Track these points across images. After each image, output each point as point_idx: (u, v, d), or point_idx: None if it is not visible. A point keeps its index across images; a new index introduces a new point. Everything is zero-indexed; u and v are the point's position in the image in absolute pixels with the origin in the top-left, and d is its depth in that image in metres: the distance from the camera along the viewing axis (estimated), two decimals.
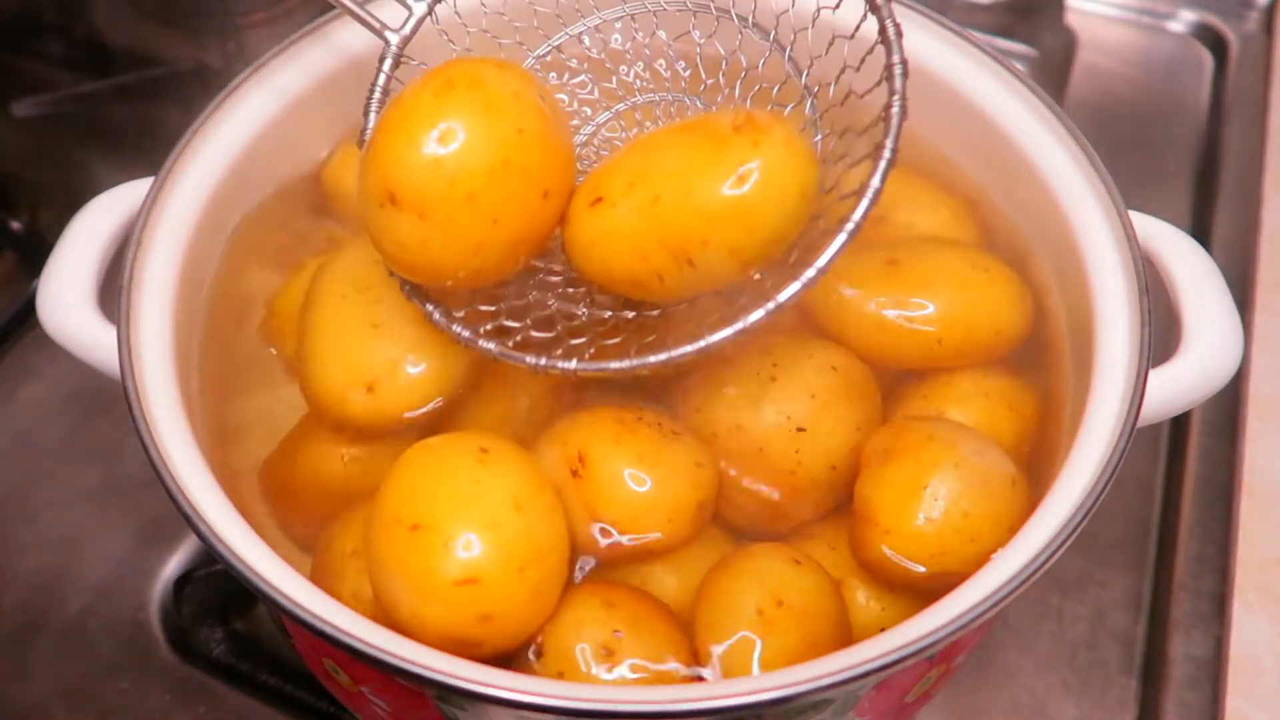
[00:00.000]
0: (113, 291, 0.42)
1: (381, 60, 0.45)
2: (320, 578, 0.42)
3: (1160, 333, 0.41)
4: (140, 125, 0.73)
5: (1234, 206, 0.72)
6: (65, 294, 0.43)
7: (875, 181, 0.38)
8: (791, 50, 0.44)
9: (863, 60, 0.40)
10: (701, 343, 0.38)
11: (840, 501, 0.45)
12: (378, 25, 0.45)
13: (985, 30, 0.81)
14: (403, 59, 0.45)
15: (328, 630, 0.34)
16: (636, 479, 0.41)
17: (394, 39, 0.45)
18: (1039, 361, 0.49)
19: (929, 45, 0.50)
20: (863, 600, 0.42)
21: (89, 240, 0.45)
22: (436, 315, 0.41)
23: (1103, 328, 0.42)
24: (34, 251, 0.68)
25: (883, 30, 0.38)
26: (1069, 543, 0.36)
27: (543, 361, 0.40)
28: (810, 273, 0.37)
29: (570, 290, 0.43)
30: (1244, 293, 0.66)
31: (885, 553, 0.40)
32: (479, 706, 0.37)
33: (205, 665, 0.54)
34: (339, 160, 0.51)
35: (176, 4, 0.82)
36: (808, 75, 0.43)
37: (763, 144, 0.36)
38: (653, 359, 0.39)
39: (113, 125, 0.75)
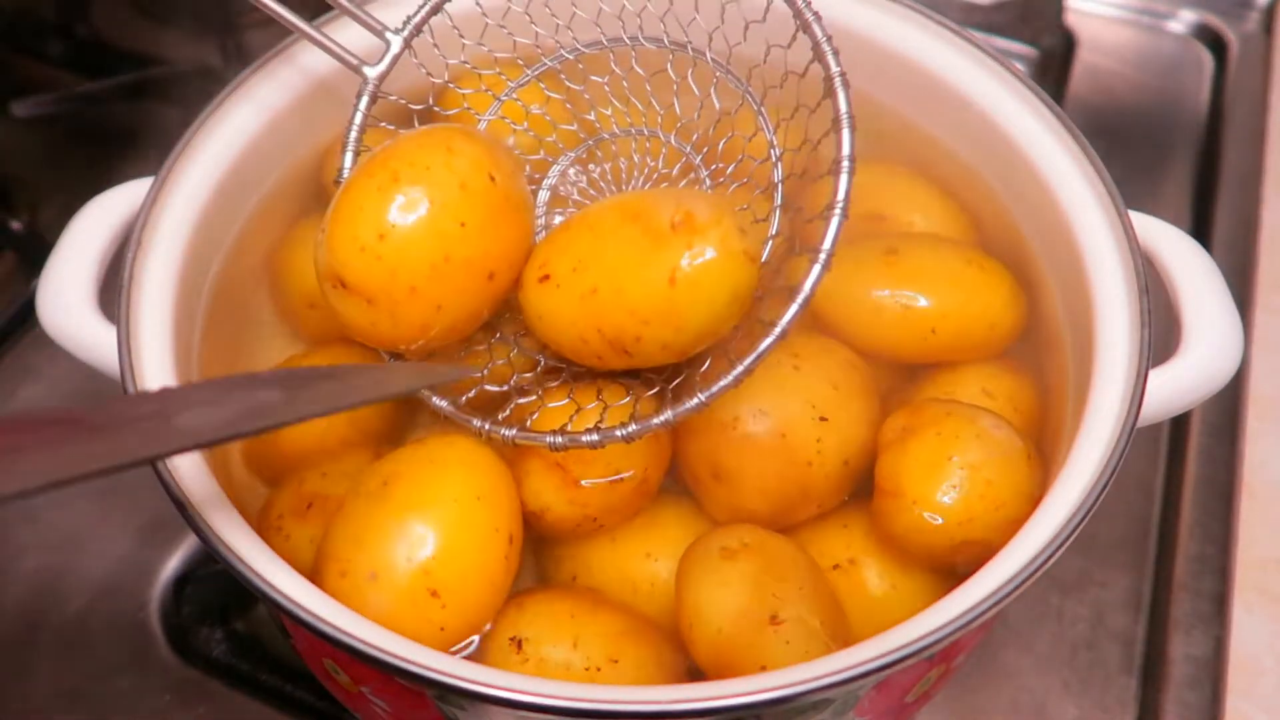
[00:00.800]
0: (113, 291, 0.42)
1: (358, 97, 0.45)
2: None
3: (1160, 333, 0.41)
4: (140, 125, 0.73)
5: (1234, 206, 0.72)
6: (65, 294, 0.43)
7: (826, 245, 0.38)
8: (763, 103, 0.45)
9: (818, 105, 0.41)
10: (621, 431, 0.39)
11: (846, 498, 0.45)
12: (354, 62, 0.46)
13: (985, 30, 0.81)
14: (379, 94, 0.46)
15: (328, 630, 0.34)
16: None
17: (371, 74, 0.45)
18: (1040, 361, 0.49)
19: (929, 45, 0.50)
20: (874, 581, 0.43)
21: (89, 240, 0.45)
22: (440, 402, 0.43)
23: (1103, 328, 0.42)
24: (34, 251, 0.68)
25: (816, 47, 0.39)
26: (1069, 543, 0.36)
27: (486, 426, 0.41)
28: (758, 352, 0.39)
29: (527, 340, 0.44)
30: (1244, 293, 0.66)
31: (917, 519, 0.40)
32: (479, 706, 0.37)
33: (205, 665, 0.54)
34: (339, 159, 0.51)
35: (176, 4, 0.82)
36: (773, 131, 0.44)
37: (696, 246, 0.37)
38: (584, 439, 0.40)
39: (113, 125, 0.75)
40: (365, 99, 0.46)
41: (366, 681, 0.41)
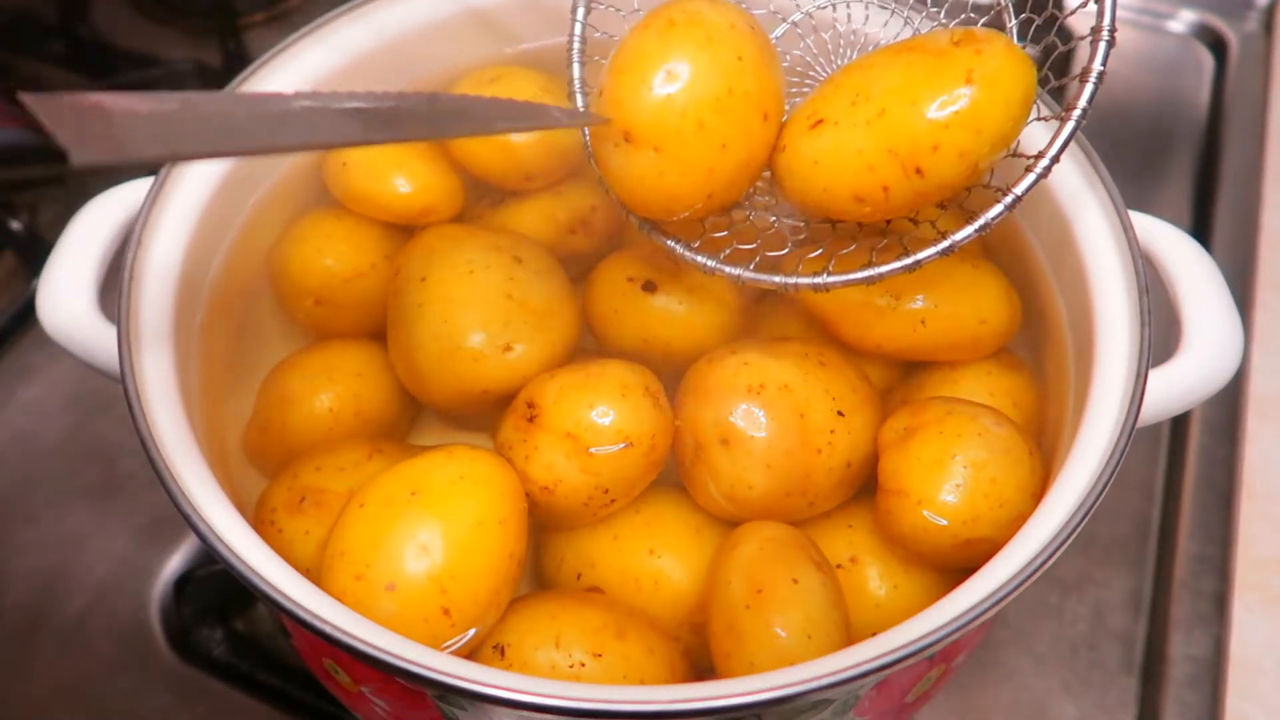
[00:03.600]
0: (113, 291, 0.42)
1: (574, 9, 0.45)
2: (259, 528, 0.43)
3: (1160, 333, 0.41)
4: None
5: (1234, 206, 0.72)
6: (65, 294, 0.44)
7: (1083, 102, 0.41)
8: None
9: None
10: (910, 260, 0.41)
11: (843, 501, 0.45)
12: None
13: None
14: (593, 3, 0.46)
15: (328, 630, 0.34)
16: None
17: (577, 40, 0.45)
18: (1040, 360, 0.49)
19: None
20: (875, 581, 0.43)
21: (89, 240, 0.45)
22: (679, 249, 0.44)
23: (1103, 327, 0.42)
24: (34, 251, 0.68)
25: None
26: (1069, 542, 0.36)
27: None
28: (1009, 199, 0.40)
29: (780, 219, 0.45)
30: (1244, 293, 0.66)
31: (923, 518, 0.40)
32: (479, 706, 0.37)
33: (205, 665, 0.54)
34: (338, 157, 0.51)
35: (176, 4, 0.82)
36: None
37: (986, 53, 0.38)
38: (820, 280, 0.42)
39: None
40: (582, 8, 0.45)
41: (366, 681, 0.41)
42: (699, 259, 0.44)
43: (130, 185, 0.46)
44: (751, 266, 0.44)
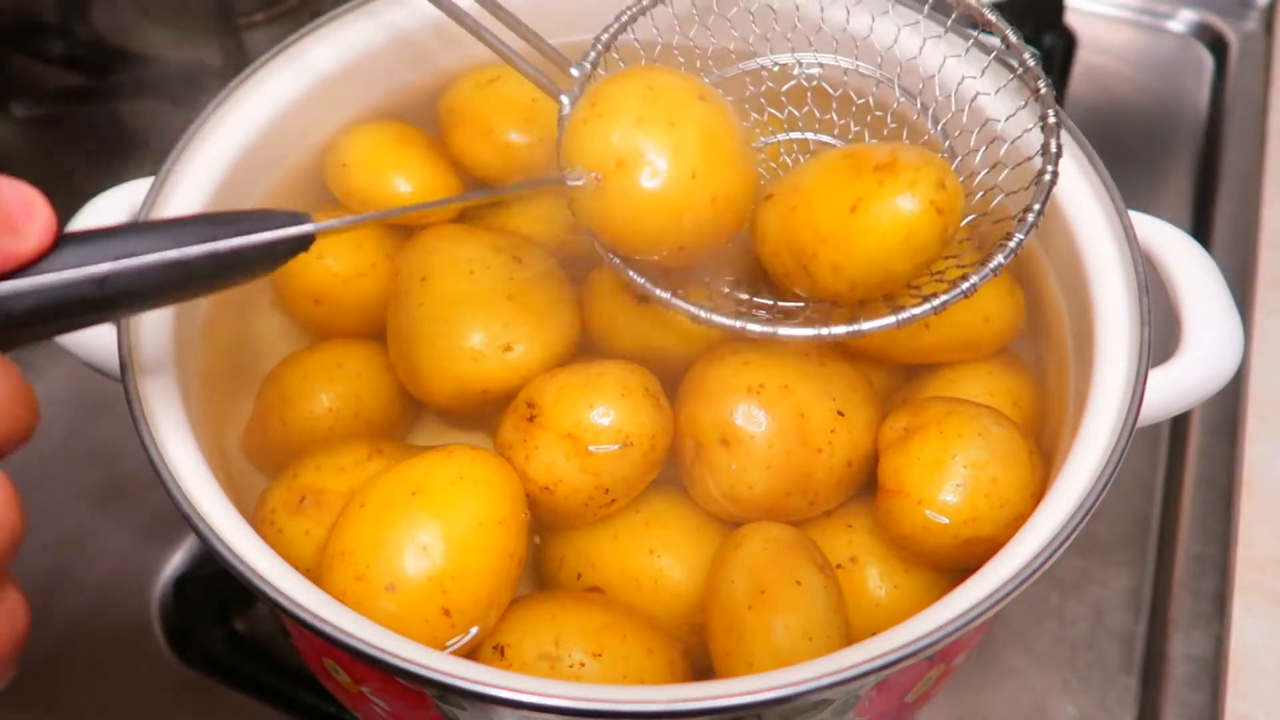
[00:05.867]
0: None
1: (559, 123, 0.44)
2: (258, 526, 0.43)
3: (1160, 333, 0.41)
4: (140, 125, 0.73)
5: (1234, 206, 0.72)
6: None
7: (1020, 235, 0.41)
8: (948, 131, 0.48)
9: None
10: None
11: (843, 501, 0.45)
12: (552, 89, 0.45)
13: (985, 30, 0.81)
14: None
15: (328, 630, 0.34)
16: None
17: (566, 101, 0.44)
18: (1040, 360, 0.49)
19: (927, 43, 0.50)
20: (874, 581, 0.43)
21: None
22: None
23: (1103, 328, 0.42)
24: None
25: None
26: (1069, 542, 0.36)
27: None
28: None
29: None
30: (1244, 293, 0.66)
31: (924, 518, 0.40)
32: (479, 706, 0.37)
33: (205, 665, 0.54)
34: (338, 157, 0.51)
35: (176, 4, 0.82)
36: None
37: (887, 184, 0.39)
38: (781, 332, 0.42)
39: (113, 125, 0.75)
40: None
41: (366, 681, 0.41)
42: (688, 307, 0.42)
43: (130, 185, 0.46)
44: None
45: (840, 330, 0.41)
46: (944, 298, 0.40)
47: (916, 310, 0.40)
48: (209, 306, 0.47)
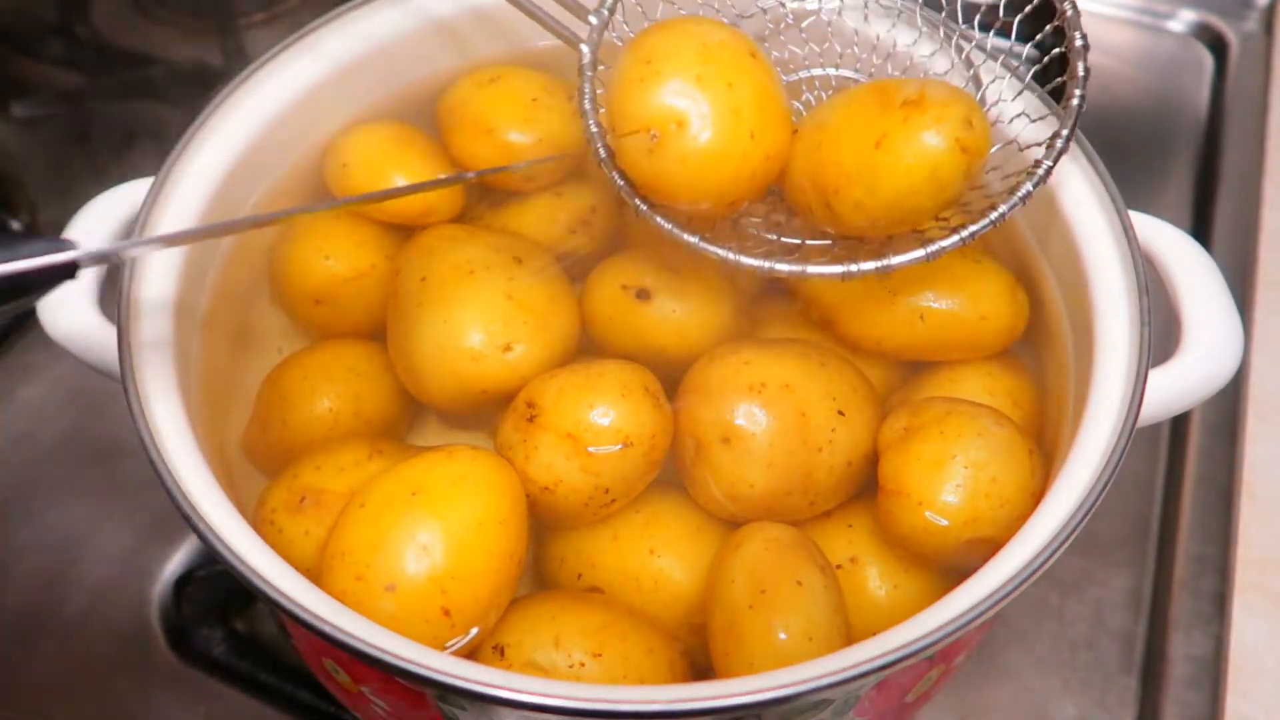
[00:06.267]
0: (113, 291, 0.42)
1: (581, 70, 0.45)
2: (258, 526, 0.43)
3: (1160, 333, 0.41)
4: (140, 125, 0.73)
5: (1234, 206, 0.72)
6: (65, 294, 0.43)
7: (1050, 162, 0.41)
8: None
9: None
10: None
11: (844, 500, 0.45)
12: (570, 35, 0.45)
13: (985, 30, 0.81)
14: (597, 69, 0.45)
15: (328, 630, 0.34)
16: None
17: (586, 50, 0.45)
18: (1041, 360, 0.49)
19: (926, 43, 0.50)
20: (874, 581, 0.43)
21: (89, 240, 0.45)
22: (699, 243, 0.43)
23: (1103, 328, 0.42)
24: None
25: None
26: (1069, 542, 0.36)
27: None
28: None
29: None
30: (1244, 293, 0.66)
31: (924, 518, 0.40)
32: (479, 706, 0.37)
33: (205, 665, 0.54)
34: (338, 157, 0.51)
35: (176, 4, 0.82)
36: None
37: (912, 120, 0.39)
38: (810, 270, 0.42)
39: (113, 125, 0.75)
40: (588, 71, 0.45)
41: (366, 681, 0.41)
42: (718, 251, 0.43)
43: (131, 185, 0.46)
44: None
45: (869, 266, 0.41)
46: (972, 228, 0.40)
47: (945, 242, 0.41)
48: (209, 307, 0.47)
